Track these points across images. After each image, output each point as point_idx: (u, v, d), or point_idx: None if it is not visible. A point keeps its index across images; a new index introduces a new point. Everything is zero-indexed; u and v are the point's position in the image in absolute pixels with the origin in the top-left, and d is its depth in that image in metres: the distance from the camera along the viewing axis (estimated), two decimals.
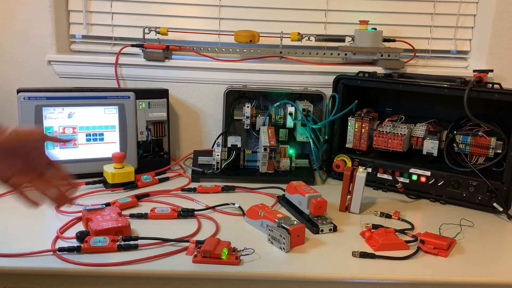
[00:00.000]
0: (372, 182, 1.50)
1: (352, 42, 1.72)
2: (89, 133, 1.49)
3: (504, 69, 1.73)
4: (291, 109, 1.63)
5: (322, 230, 1.18)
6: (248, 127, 1.68)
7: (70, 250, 1.02)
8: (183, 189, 1.43)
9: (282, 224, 1.11)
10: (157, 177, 1.51)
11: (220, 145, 1.57)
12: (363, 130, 1.54)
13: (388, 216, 1.29)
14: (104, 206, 1.21)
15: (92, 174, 1.47)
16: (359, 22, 1.68)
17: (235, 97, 1.70)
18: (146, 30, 1.69)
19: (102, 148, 1.51)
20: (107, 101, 1.50)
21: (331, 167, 1.59)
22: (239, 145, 1.56)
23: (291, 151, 1.55)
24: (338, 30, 1.76)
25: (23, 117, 1.40)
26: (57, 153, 1.45)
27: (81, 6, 1.75)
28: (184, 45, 1.71)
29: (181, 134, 1.81)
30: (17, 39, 1.72)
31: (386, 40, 1.72)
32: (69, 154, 1.47)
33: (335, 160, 1.57)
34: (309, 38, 1.71)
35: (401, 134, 1.49)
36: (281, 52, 1.72)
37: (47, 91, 1.44)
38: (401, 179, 1.47)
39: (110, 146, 1.52)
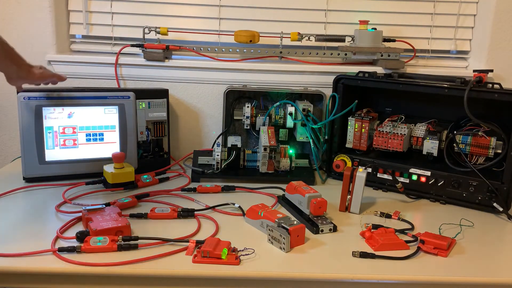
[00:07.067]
0: (372, 182, 1.50)
1: (352, 42, 1.72)
2: (89, 133, 1.49)
3: (504, 69, 1.73)
4: (291, 109, 1.63)
5: (322, 230, 1.18)
6: (248, 127, 1.68)
7: (70, 250, 1.02)
8: (183, 189, 1.43)
9: (282, 224, 1.11)
10: (157, 177, 1.51)
11: (220, 145, 1.57)
12: (363, 130, 1.54)
13: (388, 216, 1.29)
14: (104, 206, 1.21)
15: (92, 174, 1.47)
16: (359, 22, 1.68)
17: (235, 97, 1.70)
18: (146, 30, 1.69)
19: (102, 148, 1.51)
20: (107, 101, 1.50)
21: (331, 167, 1.59)
22: (239, 145, 1.56)
23: (291, 151, 1.55)
24: (338, 30, 1.76)
25: (23, 117, 1.40)
26: (57, 153, 1.45)
27: (81, 6, 1.75)
28: (184, 45, 1.71)
29: (181, 134, 1.81)
30: (17, 39, 1.72)
31: (386, 40, 1.72)
32: (69, 154, 1.47)
33: (335, 160, 1.57)
34: (309, 38, 1.71)
35: (401, 134, 1.49)
36: (281, 52, 1.72)
37: (47, 91, 1.44)
38: (401, 179, 1.47)
39: (110, 146, 1.51)
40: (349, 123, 1.56)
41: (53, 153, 1.45)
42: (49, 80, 1.26)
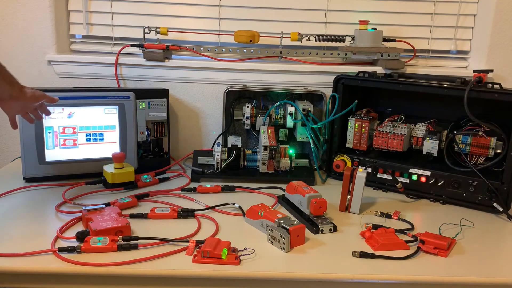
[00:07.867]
0: (372, 182, 1.50)
1: (352, 42, 1.72)
2: (89, 133, 1.49)
3: (504, 69, 1.73)
4: (291, 109, 1.63)
5: (322, 230, 1.18)
6: (248, 127, 1.68)
7: (70, 250, 1.02)
8: (183, 189, 1.43)
9: (282, 224, 1.11)
10: (157, 177, 1.51)
11: (220, 145, 1.57)
12: (363, 130, 1.54)
13: (388, 216, 1.29)
14: (104, 206, 1.21)
15: (92, 174, 1.47)
16: (359, 22, 1.68)
17: (235, 97, 1.70)
18: (146, 30, 1.69)
19: (102, 148, 1.51)
20: (107, 101, 1.50)
21: (331, 167, 1.59)
22: (239, 145, 1.56)
23: (291, 151, 1.55)
24: (338, 30, 1.76)
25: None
26: (57, 153, 1.45)
27: (81, 6, 1.75)
28: (184, 45, 1.71)
29: (181, 134, 1.81)
30: (17, 39, 1.72)
31: (386, 40, 1.72)
32: (69, 154, 1.47)
33: (335, 160, 1.57)
34: (309, 38, 1.71)
35: (401, 134, 1.49)
36: (281, 52, 1.72)
37: (47, 91, 1.43)
38: (401, 179, 1.47)
39: (110, 146, 1.51)
40: (349, 123, 1.56)
41: (53, 153, 1.45)
42: (41, 101, 1.25)
